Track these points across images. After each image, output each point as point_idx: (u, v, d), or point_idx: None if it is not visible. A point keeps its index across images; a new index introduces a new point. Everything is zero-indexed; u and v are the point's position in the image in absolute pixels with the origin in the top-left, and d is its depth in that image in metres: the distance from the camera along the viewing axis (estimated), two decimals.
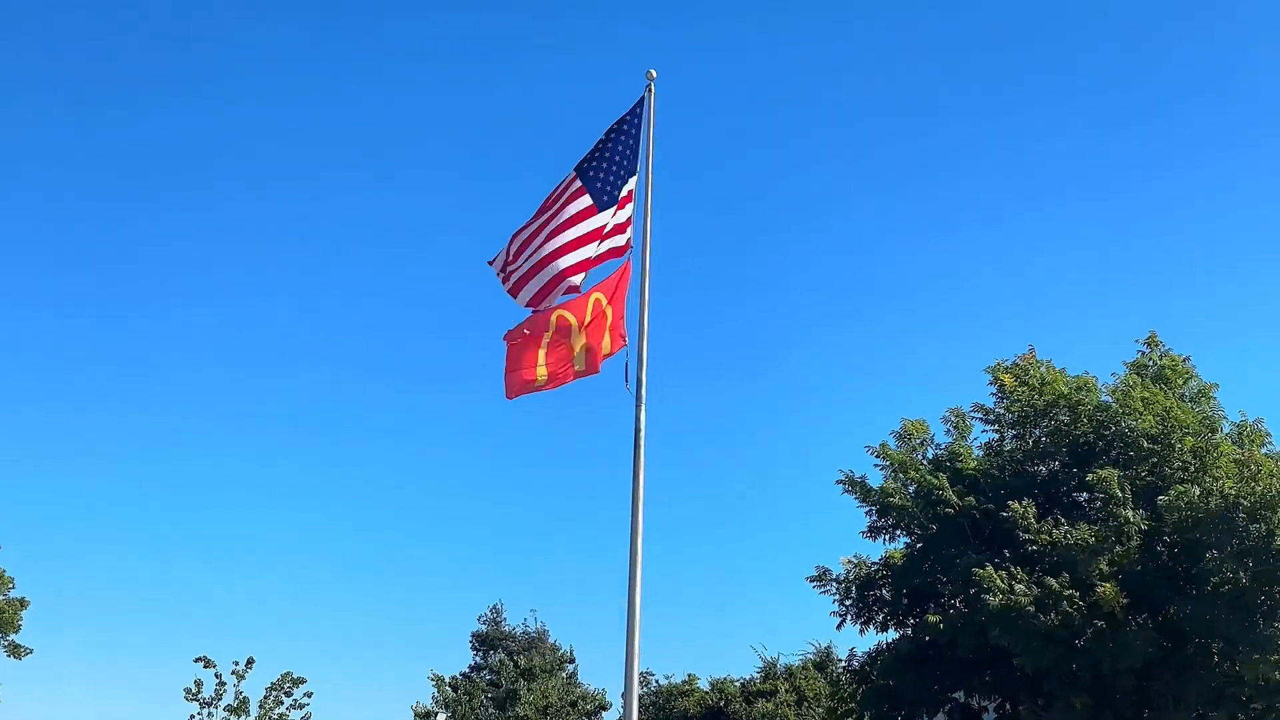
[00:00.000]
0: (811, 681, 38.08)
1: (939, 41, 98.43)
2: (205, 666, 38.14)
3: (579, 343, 14.67)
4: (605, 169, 15.33)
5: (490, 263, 15.41)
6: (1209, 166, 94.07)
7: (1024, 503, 23.91)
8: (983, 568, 23.02)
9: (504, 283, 15.30)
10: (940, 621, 23.84)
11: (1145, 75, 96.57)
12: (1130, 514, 23.36)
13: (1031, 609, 22.33)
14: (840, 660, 29.62)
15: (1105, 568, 23.03)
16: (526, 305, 15.13)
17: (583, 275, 15.00)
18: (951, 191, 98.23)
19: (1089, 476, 23.93)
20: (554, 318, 14.83)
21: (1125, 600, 22.69)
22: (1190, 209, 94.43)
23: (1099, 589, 22.55)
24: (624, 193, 15.28)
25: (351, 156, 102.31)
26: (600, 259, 15.18)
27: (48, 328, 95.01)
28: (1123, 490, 23.58)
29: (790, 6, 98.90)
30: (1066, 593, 22.47)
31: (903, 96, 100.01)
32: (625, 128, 15.50)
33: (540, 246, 15.10)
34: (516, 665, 46.39)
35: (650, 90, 15.63)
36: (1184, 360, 26.97)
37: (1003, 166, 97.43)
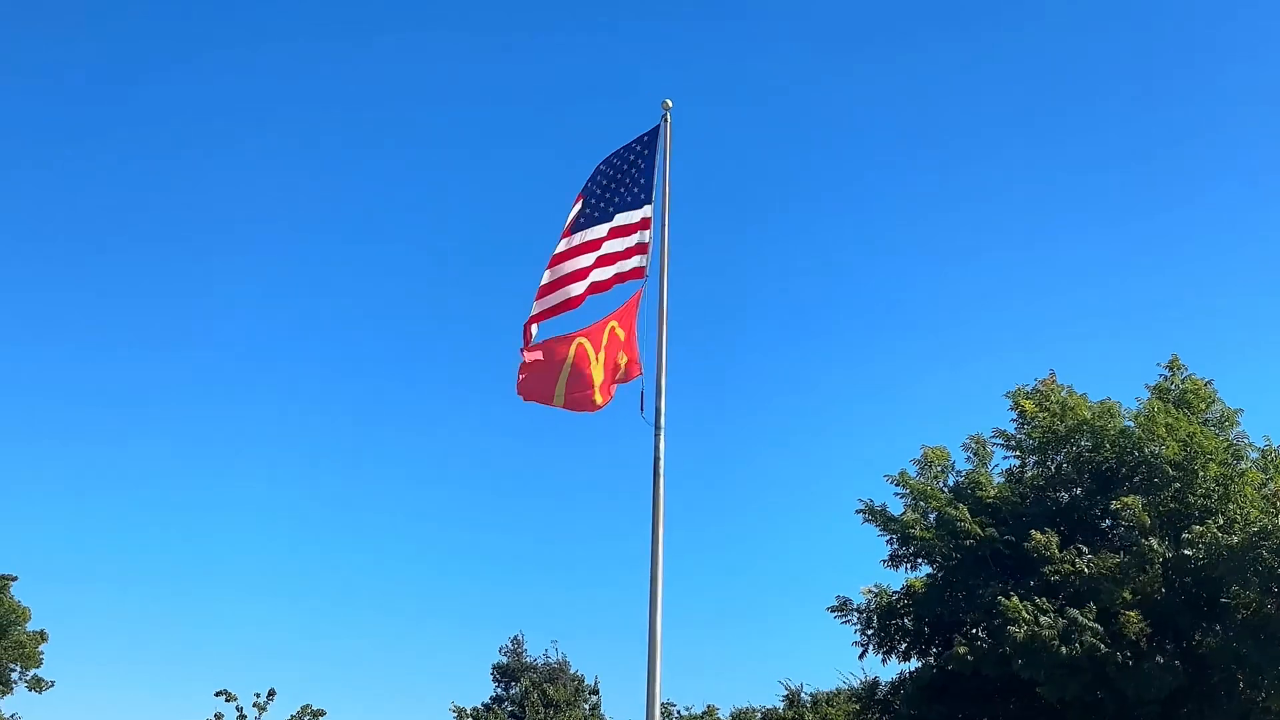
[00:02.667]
0: (840, 708, 37.66)
1: (958, 74, 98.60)
2: (227, 700, 38.16)
3: (598, 374, 14.60)
4: (601, 192, 15.34)
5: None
6: (1229, 191, 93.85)
7: (1046, 534, 23.67)
8: (1008, 598, 22.78)
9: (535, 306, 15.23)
10: (968, 653, 23.50)
11: (1166, 104, 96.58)
12: (1155, 543, 23.06)
13: (1056, 641, 22.08)
14: (884, 687, 29.22)
15: (1129, 596, 22.79)
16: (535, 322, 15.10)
17: (584, 299, 15.03)
18: (971, 218, 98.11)
19: (1114, 504, 23.66)
20: (573, 347, 14.74)
21: (1149, 630, 22.42)
22: (1211, 235, 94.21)
23: (1122, 617, 22.32)
24: (626, 222, 15.25)
25: (365, 184, 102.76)
26: (609, 284, 15.15)
27: (64, 360, 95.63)
28: (1150, 518, 23.26)
29: (807, 40, 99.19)
30: (1091, 625, 22.24)
31: (920, 127, 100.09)
32: (632, 156, 15.47)
33: (561, 270, 15.10)
34: (542, 695, 46.14)
35: (666, 120, 15.58)
36: (1207, 384, 26.72)
37: (1023, 192, 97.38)
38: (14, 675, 39.51)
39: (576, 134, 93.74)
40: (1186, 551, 22.97)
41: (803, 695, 39.42)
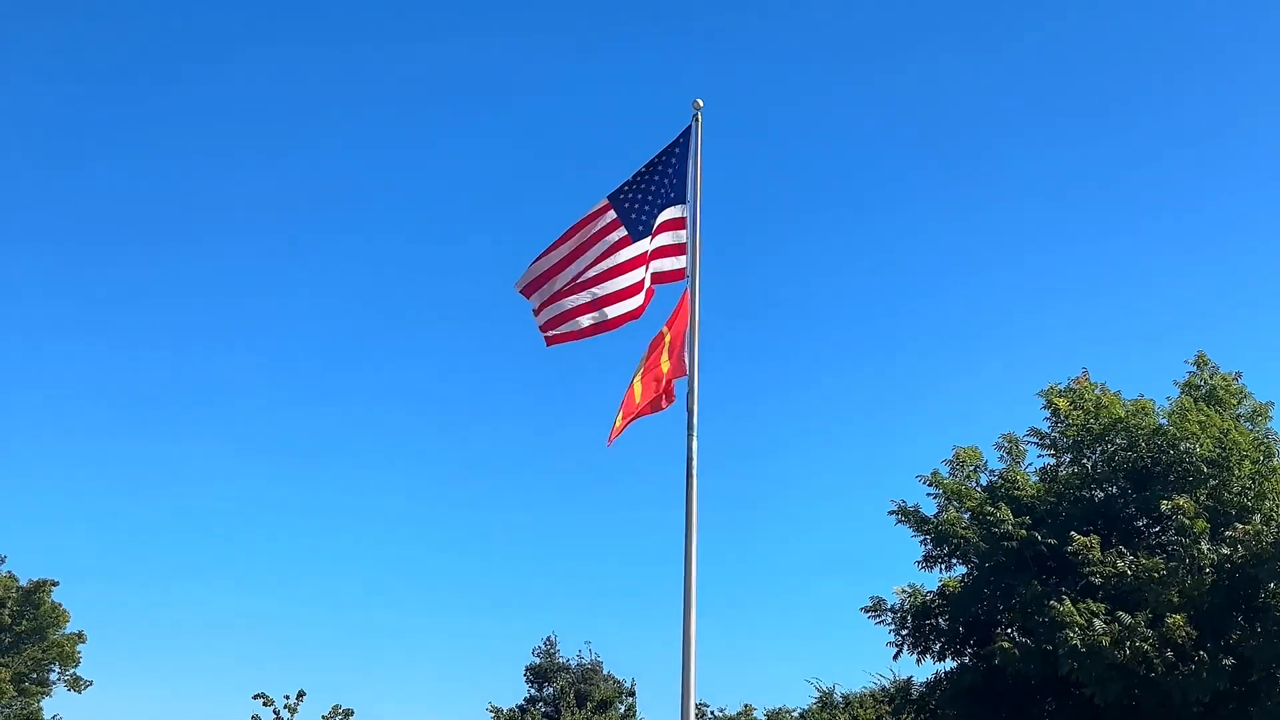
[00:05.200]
0: (869, 710, 37.54)
1: (984, 78, 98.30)
2: (265, 704, 38.10)
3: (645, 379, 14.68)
4: (641, 199, 15.29)
5: (518, 287, 15.31)
6: (1246, 192, 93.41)
7: (1089, 537, 23.40)
8: (1057, 600, 22.49)
9: (533, 300, 15.23)
10: (1015, 648, 23.20)
11: (1180, 104, 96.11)
12: (1206, 547, 22.76)
13: (1110, 645, 21.78)
14: (918, 687, 29.00)
15: (1176, 599, 22.56)
16: (551, 326, 15.09)
17: (625, 302, 15.00)
18: (996, 220, 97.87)
19: (1162, 504, 23.43)
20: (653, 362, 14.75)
21: (1195, 633, 22.18)
22: (1229, 236, 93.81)
23: (1168, 619, 22.09)
24: (660, 221, 15.23)
25: (386, 183, 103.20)
26: (650, 288, 15.18)
27: (102, 359, 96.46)
28: (1201, 519, 22.94)
29: (838, 46, 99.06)
30: (1141, 629, 22.01)
31: (951, 130, 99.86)
32: (666, 157, 15.46)
33: (575, 273, 15.06)
34: (579, 695, 46.10)
35: (697, 120, 15.59)
36: (1235, 377, 26.48)
37: (1047, 193, 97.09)
38: (53, 676, 39.86)
39: (599, 136, 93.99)
40: (1226, 550, 22.76)
41: (835, 696, 39.32)
